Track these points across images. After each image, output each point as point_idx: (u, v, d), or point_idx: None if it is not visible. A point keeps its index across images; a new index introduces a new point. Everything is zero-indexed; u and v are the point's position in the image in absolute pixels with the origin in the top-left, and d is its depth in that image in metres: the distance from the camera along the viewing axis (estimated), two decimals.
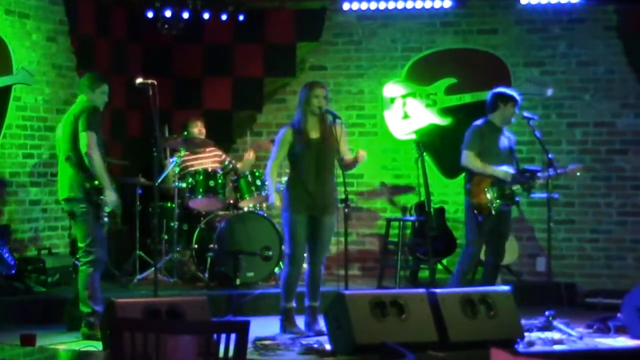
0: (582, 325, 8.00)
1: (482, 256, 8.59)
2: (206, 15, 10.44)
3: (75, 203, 7.66)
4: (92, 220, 7.62)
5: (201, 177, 9.28)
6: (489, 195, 8.20)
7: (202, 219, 9.43)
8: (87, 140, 7.51)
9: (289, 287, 7.76)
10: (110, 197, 7.58)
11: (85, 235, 7.67)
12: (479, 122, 8.47)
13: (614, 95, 10.15)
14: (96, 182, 7.57)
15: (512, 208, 8.44)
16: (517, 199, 8.36)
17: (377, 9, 10.52)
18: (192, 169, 9.57)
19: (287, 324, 7.74)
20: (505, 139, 8.43)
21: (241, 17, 10.55)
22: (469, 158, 8.30)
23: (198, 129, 9.81)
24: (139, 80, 7.91)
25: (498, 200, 8.20)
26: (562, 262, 10.01)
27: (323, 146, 7.70)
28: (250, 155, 9.81)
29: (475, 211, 8.24)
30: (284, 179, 8.81)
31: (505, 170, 8.26)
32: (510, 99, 8.38)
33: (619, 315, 7.84)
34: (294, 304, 7.78)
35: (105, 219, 7.65)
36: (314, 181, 7.68)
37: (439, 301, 6.99)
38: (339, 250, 7.91)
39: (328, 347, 6.98)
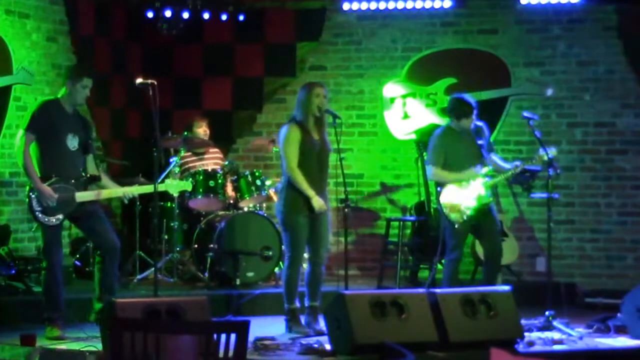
0: (582, 325, 8.00)
1: (482, 255, 8.58)
2: (206, 15, 10.44)
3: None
4: (40, 221, 7.39)
5: (201, 177, 9.27)
6: (458, 200, 8.15)
7: (202, 219, 9.43)
8: (17, 138, 7.46)
9: (290, 288, 7.76)
10: (40, 192, 7.28)
11: (42, 238, 7.55)
12: (439, 131, 8.40)
13: (614, 95, 10.15)
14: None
15: (491, 203, 8.33)
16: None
17: (377, 9, 10.51)
18: (193, 170, 9.56)
19: (293, 324, 7.73)
20: (468, 139, 8.27)
21: (241, 17, 10.55)
22: (435, 173, 8.21)
23: (203, 130, 9.78)
24: (139, 80, 7.89)
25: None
26: (562, 262, 10.00)
27: (323, 147, 7.73)
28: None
29: (448, 217, 8.19)
30: (284, 178, 8.81)
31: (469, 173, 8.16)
32: (472, 108, 8.28)
33: (619, 315, 7.83)
34: (297, 304, 7.78)
35: (53, 219, 7.35)
36: (317, 182, 7.70)
37: (439, 301, 6.99)
38: (339, 250, 7.91)
39: (328, 347, 6.98)
